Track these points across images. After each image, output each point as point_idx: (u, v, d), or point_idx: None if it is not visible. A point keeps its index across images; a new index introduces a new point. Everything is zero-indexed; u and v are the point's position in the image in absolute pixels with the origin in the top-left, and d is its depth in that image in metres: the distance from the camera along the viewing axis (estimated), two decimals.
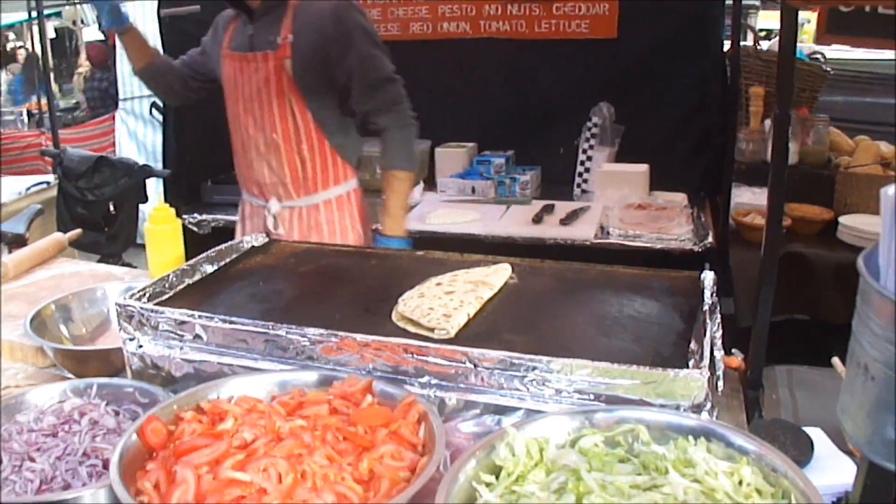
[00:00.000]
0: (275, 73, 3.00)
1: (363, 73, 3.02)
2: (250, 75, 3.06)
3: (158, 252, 2.59)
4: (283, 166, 3.14)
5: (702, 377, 1.42)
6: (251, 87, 3.07)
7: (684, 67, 4.65)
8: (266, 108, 3.06)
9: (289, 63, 2.99)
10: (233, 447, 1.36)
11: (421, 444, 1.41)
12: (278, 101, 3.04)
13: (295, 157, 3.12)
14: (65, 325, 2.39)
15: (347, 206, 3.32)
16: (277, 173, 3.16)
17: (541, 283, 2.10)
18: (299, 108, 3.05)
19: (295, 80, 3.01)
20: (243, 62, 3.07)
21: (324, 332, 1.67)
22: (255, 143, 3.15)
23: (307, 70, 3.00)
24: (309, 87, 3.03)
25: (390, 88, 3.10)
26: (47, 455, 1.62)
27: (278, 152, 3.12)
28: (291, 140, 3.10)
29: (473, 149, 5.19)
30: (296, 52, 2.98)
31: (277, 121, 3.06)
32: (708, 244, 3.75)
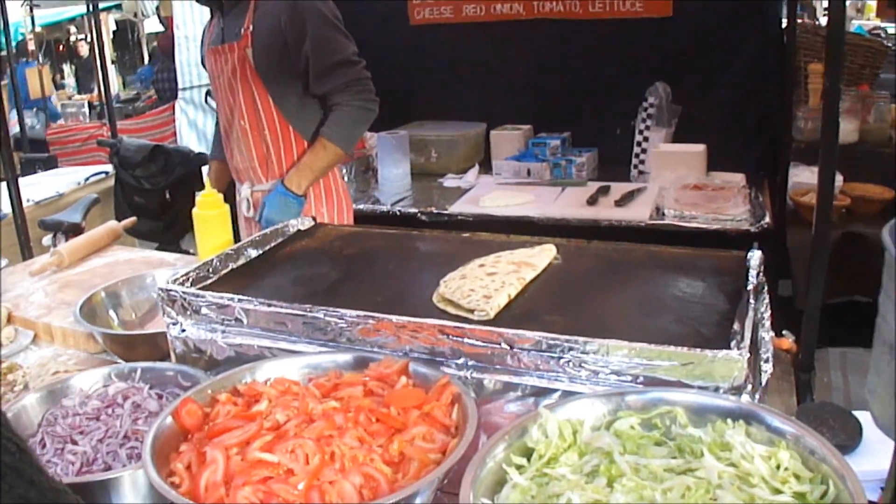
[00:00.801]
0: (239, 62, 3.07)
1: (318, 57, 3.03)
2: (222, 66, 3.14)
3: (207, 237, 2.60)
4: (251, 151, 3.20)
5: (741, 358, 1.38)
6: (224, 78, 3.15)
7: (741, 45, 4.54)
8: (235, 96, 3.13)
9: (250, 52, 3.04)
10: (264, 429, 1.37)
11: (454, 425, 1.40)
12: (243, 89, 3.10)
13: (261, 143, 3.17)
14: (114, 311, 2.43)
15: (315, 188, 3.28)
16: (247, 158, 3.22)
17: (586, 263, 2.07)
18: (260, 94, 3.10)
19: (256, 67, 3.05)
20: (216, 54, 3.15)
21: (360, 314, 1.66)
22: (233, 130, 3.22)
23: (266, 57, 3.04)
24: (270, 73, 3.07)
25: (347, 71, 3.09)
26: (89, 438, 1.64)
27: (246, 138, 3.18)
28: (256, 126, 3.15)
29: (529, 131, 5.14)
30: (256, 41, 3.03)
31: (244, 108, 3.13)
32: (764, 224, 3.66)
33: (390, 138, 4.74)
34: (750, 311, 1.58)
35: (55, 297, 2.71)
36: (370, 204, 4.41)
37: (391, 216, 4.29)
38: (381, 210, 4.33)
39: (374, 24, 5.30)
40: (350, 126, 3.16)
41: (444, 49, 5.25)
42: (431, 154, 5.00)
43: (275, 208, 3.09)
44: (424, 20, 5.24)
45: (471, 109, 5.27)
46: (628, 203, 4.03)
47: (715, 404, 1.36)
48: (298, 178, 3.12)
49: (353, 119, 3.15)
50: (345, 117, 3.12)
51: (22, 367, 2.18)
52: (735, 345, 1.45)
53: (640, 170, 4.67)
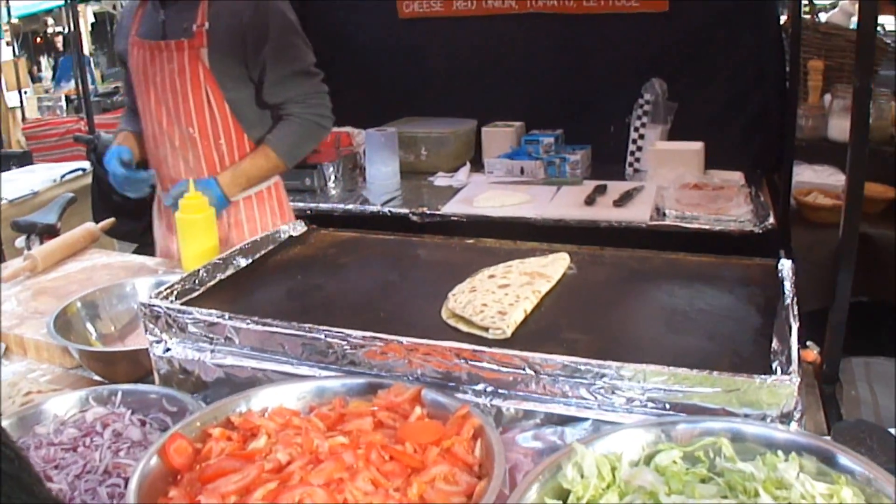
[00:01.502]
0: (190, 62, 2.81)
1: (277, 64, 2.84)
2: (162, 65, 2.85)
3: (191, 243, 2.45)
4: (200, 162, 2.94)
5: (792, 384, 1.25)
6: (163, 78, 2.86)
7: (739, 41, 4.42)
8: (181, 100, 2.86)
9: (205, 52, 2.80)
10: (265, 471, 1.22)
11: (477, 463, 1.25)
12: (194, 92, 2.85)
13: (213, 153, 2.93)
14: (92, 324, 2.26)
15: (269, 202, 3.12)
16: (194, 170, 2.94)
17: (602, 273, 1.94)
18: (217, 100, 2.86)
19: (212, 70, 2.82)
20: (154, 50, 2.87)
21: (367, 335, 1.51)
22: (170, 137, 2.94)
23: (224, 60, 2.81)
24: (226, 77, 2.85)
25: (305, 82, 2.93)
26: (65, 473, 1.49)
27: (195, 147, 2.92)
28: (209, 135, 2.90)
29: (521, 128, 4.99)
30: (212, 41, 2.79)
31: (194, 114, 2.87)
32: (769, 225, 3.55)
33: (379, 135, 4.60)
34: (793, 327, 1.45)
35: (28, 305, 2.55)
36: (358, 204, 4.25)
37: (381, 217, 4.15)
38: (370, 210, 4.18)
39: (362, 17, 5.20)
40: (298, 139, 2.97)
41: (434, 44, 5.10)
42: (421, 152, 4.86)
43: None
44: (414, 14, 5.09)
45: (461, 106, 5.12)
46: (627, 203, 3.90)
47: (764, 434, 1.24)
48: (232, 182, 2.90)
49: (302, 133, 2.96)
50: (295, 129, 2.93)
51: None
52: (780, 367, 1.33)
53: (636, 168, 4.55)
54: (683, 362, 1.34)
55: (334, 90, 5.37)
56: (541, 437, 1.41)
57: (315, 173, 4.45)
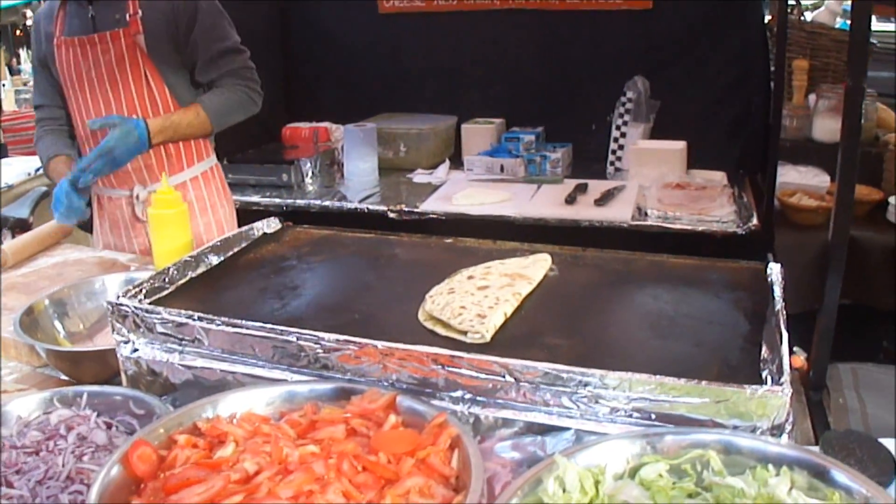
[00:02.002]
0: (128, 51, 2.83)
1: (208, 44, 2.90)
2: (97, 58, 2.85)
3: (163, 239, 2.37)
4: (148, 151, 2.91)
5: (784, 395, 1.20)
6: (100, 71, 2.86)
7: (722, 40, 4.38)
8: (122, 88, 2.88)
9: (142, 39, 2.82)
10: (231, 482, 1.15)
11: (454, 475, 1.19)
12: (135, 80, 2.87)
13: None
14: (60, 322, 2.20)
15: (213, 182, 3.19)
16: (141, 158, 2.93)
17: (584, 275, 1.89)
18: (157, 84, 2.89)
19: (150, 55, 2.85)
20: (85, 46, 2.85)
21: (340, 339, 1.45)
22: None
23: (160, 45, 2.86)
24: (164, 62, 2.88)
25: (235, 58, 2.98)
26: (27, 478, 1.43)
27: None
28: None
29: (502, 125, 4.94)
30: (147, 27, 2.82)
31: (136, 101, 2.89)
32: (752, 227, 3.51)
33: (357, 131, 4.53)
34: (783, 334, 1.40)
35: None
36: (336, 200, 4.18)
37: (358, 213, 4.08)
38: (347, 207, 4.12)
39: (342, 12, 5.14)
40: (229, 105, 2.99)
41: (414, 39, 5.03)
42: (400, 148, 4.79)
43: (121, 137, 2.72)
44: (394, 9, 5.02)
45: (441, 102, 5.06)
46: (609, 202, 3.85)
47: (753, 447, 1.19)
48: (160, 130, 2.84)
49: (233, 100, 2.98)
50: (227, 95, 2.97)
51: None
52: (771, 377, 1.28)
53: (617, 167, 4.50)
54: (670, 370, 1.29)
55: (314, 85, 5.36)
56: (520, 447, 1.36)
57: (292, 169, 4.38)
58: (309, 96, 5.39)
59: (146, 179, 3.00)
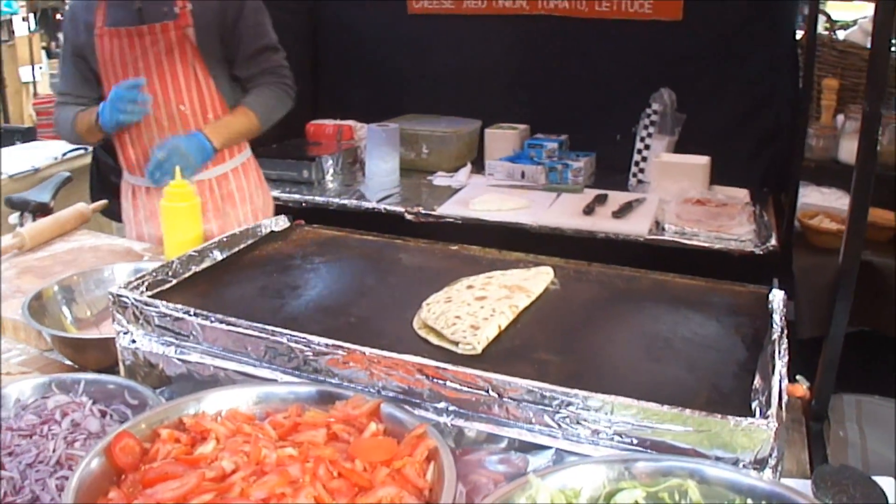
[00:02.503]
0: (178, 43, 2.88)
1: (250, 39, 2.99)
2: (144, 50, 2.88)
3: (175, 232, 2.39)
4: None
5: (769, 429, 1.18)
6: (147, 63, 2.89)
7: (753, 55, 4.32)
8: (170, 79, 2.92)
9: (192, 31, 2.88)
10: (206, 479, 1.16)
11: (427, 487, 1.19)
12: (183, 71, 2.92)
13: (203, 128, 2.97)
14: (68, 308, 2.23)
15: (251, 172, 3.28)
16: None
17: (585, 291, 1.88)
18: (204, 77, 2.96)
19: (199, 49, 2.91)
20: (132, 38, 2.87)
21: (329, 343, 1.46)
22: (156, 118, 2.95)
23: (208, 37, 2.92)
24: (211, 54, 2.95)
25: (272, 56, 3.06)
26: (18, 461, 1.45)
27: (186, 125, 2.97)
28: (197, 111, 2.98)
29: (526, 131, 4.91)
30: (197, 20, 2.88)
31: (184, 92, 2.94)
32: (771, 247, 3.48)
33: (380, 131, 4.53)
34: (778, 366, 1.38)
35: (11, 283, 2.53)
36: (354, 199, 4.20)
37: (375, 214, 4.09)
38: (365, 207, 4.13)
39: (371, 11, 5.14)
40: (274, 103, 3.07)
41: (442, 41, 5.02)
42: (422, 150, 4.79)
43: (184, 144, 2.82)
44: (423, 10, 5.01)
45: (467, 105, 5.05)
46: (627, 215, 3.83)
47: (734, 480, 1.17)
48: (217, 132, 2.93)
49: (275, 98, 3.06)
50: (270, 94, 3.05)
51: None
52: (759, 408, 1.27)
53: (640, 179, 4.47)
54: (658, 394, 1.28)
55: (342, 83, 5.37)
56: (507, 462, 1.35)
57: (313, 165, 4.40)
58: (336, 94, 5.40)
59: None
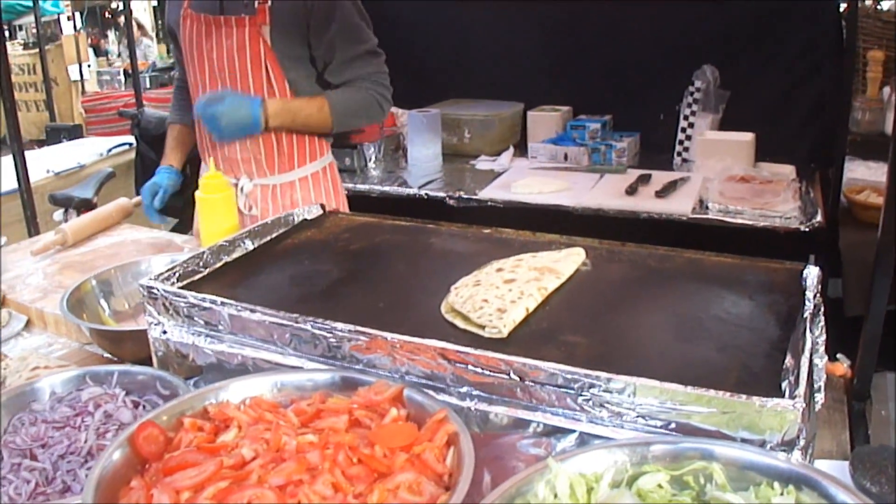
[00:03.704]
0: (251, 40, 2.74)
1: (344, 46, 2.81)
2: (220, 40, 2.78)
3: (210, 223, 2.41)
4: (257, 142, 2.87)
5: (795, 410, 1.15)
6: (221, 54, 2.79)
7: (796, 28, 4.25)
8: (240, 76, 2.79)
9: (267, 30, 2.73)
10: (225, 467, 1.17)
11: (447, 473, 1.18)
12: (254, 71, 2.78)
13: (271, 133, 2.85)
14: (106, 301, 2.25)
15: (324, 182, 3.06)
16: (251, 149, 2.89)
17: (617, 271, 1.85)
18: (277, 79, 2.79)
19: (273, 48, 2.76)
20: (211, 25, 2.78)
21: (352, 329, 1.45)
22: None
23: (286, 39, 2.76)
24: (287, 56, 2.79)
25: (371, 61, 2.90)
26: (50, 452, 1.48)
27: None
28: None
29: (568, 113, 4.89)
30: (275, 19, 2.73)
31: (253, 92, 2.79)
32: (816, 223, 3.41)
33: (421, 116, 4.53)
34: (807, 342, 1.35)
35: (53, 279, 2.56)
36: (396, 186, 4.20)
37: (417, 199, 4.09)
38: (407, 193, 4.13)
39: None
40: (355, 106, 2.90)
41: (483, 25, 5.00)
42: (465, 134, 4.78)
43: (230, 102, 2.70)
44: None
45: (509, 88, 5.03)
46: (670, 194, 3.78)
47: (760, 462, 1.14)
48: (277, 113, 2.77)
49: (362, 101, 2.89)
50: (356, 96, 2.88)
51: (7, 357, 2.02)
52: (788, 388, 1.23)
53: (684, 157, 4.42)
54: (686, 375, 1.25)
55: None
56: (542, 445, 1.33)
57: (355, 153, 4.41)
58: None
59: (254, 172, 2.93)
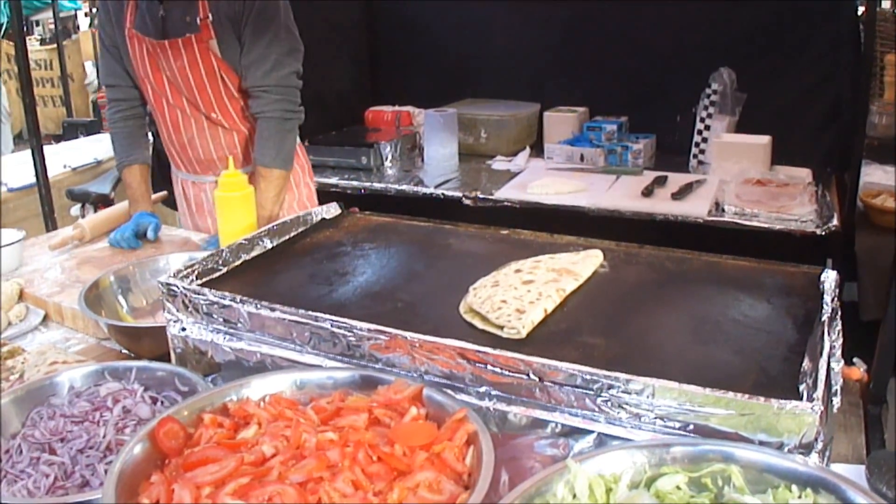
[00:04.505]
0: (202, 56, 2.76)
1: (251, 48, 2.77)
2: (170, 62, 2.79)
3: (229, 221, 2.42)
4: (231, 138, 2.96)
5: (814, 412, 1.15)
6: (173, 73, 2.81)
7: (813, 31, 4.23)
8: (197, 91, 2.83)
9: (214, 44, 2.76)
10: (245, 463, 1.18)
11: (466, 472, 1.19)
12: (210, 83, 2.82)
13: (241, 129, 2.95)
14: (123, 297, 2.27)
15: (298, 161, 3.10)
16: (226, 146, 2.97)
17: (635, 273, 1.86)
18: (234, 84, 2.84)
19: (224, 59, 2.78)
20: (158, 49, 2.78)
21: (371, 328, 1.46)
22: (195, 121, 2.92)
23: (232, 47, 2.78)
24: (238, 62, 2.81)
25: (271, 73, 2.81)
26: (69, 447, 1.49)
27: (216, 129, 2.93)
28: (233, 117, 2.91)
29: (584, 114, 4.88)
30: (218, 31, 2.75)
31: (213, 102, 2.85)
32: (832, 227, 3.39)
33: (438, 116, 4.53)
34: (826, 346, 1.35)
35: (71, 274, 2.58)
36: (413, 185, 4.20)
37: (433, 199, 4.09)
38: (423, 192, 4.13)
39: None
40: (278, 143, 2.87)
41: (500, 25, 5.01)
42: (481, 134, 4.78)
43: None
44: None
45: (526, 89, 5.03)
46: (686, 196, 3.77)
47: (778, 465, 1.14)
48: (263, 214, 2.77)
49: (277, 134, 2.86)
50: (271, 133, 2.86)
51: (25, 351, 2.04)
52: (806, 391, 1.23)
53: (700, 160, 4.41)
54: (704, 377, 1.25)
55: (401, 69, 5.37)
56: (558, 446, 1.34)
57: (371, 152, 4.41)
58: (394, 81, 5.41)
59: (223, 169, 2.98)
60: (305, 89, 2.91)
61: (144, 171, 3.07)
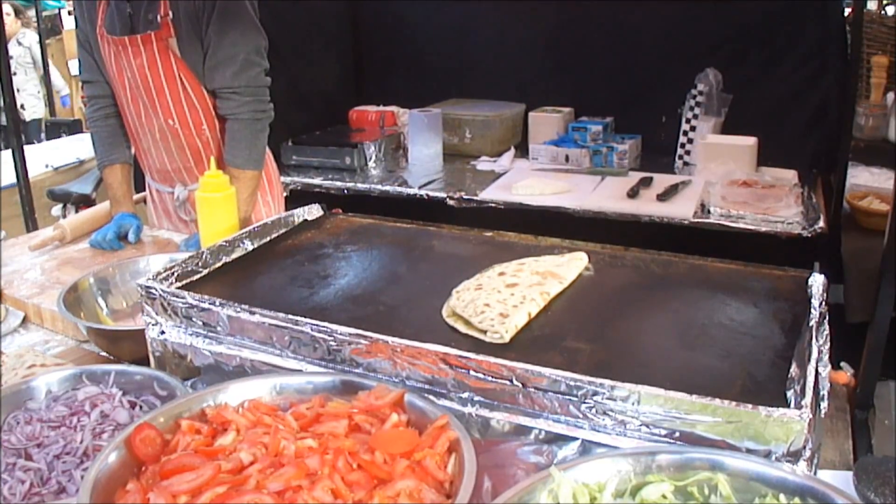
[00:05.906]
0: (160, 54, 2.71)
1: (216, 48, 2.72)
2: (130, 61, 2.74)
3: (210, 222, 2.38)
4: (184, 152, 2.89)
5: (802, 420, 1.13)
6: (134, 73, 2.76)
7: (800, 33, 4.21)
8: (156, 93, 2.77)
9: (174, 42, 2.71)
10: (223, 471, 1.15)
11: (448, 480, 1.17)
12: (169, 84, 2.75)
13: (196, 142, 2.87)
14: (103, 299, 2.24)
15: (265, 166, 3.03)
16: (179, 159, 2.92)
17: (620, 276, 1.84)
18: (194, 88, 2.78)
19: (184, 59, 2.73)
20: (122, 46, 2.74)
21: (352, 333, 1.44)
22: (150, 130, 2.87)
23: (193, 47, 2.73)
24: (198, 62, 2.75)
25: (240, 73, 2.76)
26: (45, 452, 1.46)
27: (178, 138, 2.86)
28: (189, 124, 2.84)
29: (570, 114, 4.86)
30: (179, 30, 2.70)
31: (171, 106, 2.79)
32: (818, 229, 3.39)
33: (422, 116, 4.51)
34: (814, 351, 1.33)
35: (51, 275, 2.54)
36: (397, 186, 4.17)
37: (418, 200, 4.07)
38: (407, 193, 4.10)
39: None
40: (257, 143, 2.85)
41: (484, 25, 4.99)
42: (466, 134, 4.76)
43: None
44: None
45: (509, 89, 5.02)
46: (672, 197, 3.76)
47: (766, 474, 1.13)
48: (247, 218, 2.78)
49: (256, 136, 2.85)
50: (249, 136, 2.83)
51: (2, 354, 2.00)
52: (794, 398, 1.22)
53: (686, 161, 4.40)
54: (690, 383, 1.24)
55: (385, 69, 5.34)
56: (542, 453, 1.32)
57: (355, 152, 4.38)
58: (378, 80, 5.38)
59: (186, 180, 2.98)
60: (289, 89, 2.89)
61: (126, 171, 3.02)
